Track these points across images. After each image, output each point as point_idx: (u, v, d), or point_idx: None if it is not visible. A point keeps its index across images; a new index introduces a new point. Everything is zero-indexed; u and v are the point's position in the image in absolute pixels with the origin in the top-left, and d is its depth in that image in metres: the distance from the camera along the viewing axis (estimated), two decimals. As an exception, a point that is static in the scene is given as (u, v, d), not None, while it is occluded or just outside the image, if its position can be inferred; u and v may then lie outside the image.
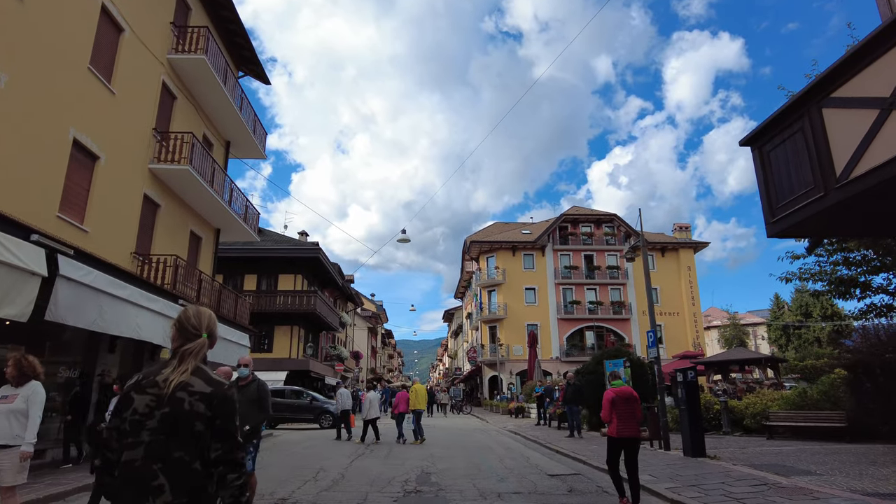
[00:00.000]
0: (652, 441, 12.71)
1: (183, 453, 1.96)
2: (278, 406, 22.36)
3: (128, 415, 2.00)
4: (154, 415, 1.98)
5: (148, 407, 1.99)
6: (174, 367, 2.08)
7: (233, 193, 18.18)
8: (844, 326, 58.12)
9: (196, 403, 2.01)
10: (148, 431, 1.97)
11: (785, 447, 12.18)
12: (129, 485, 1.93)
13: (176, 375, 2.04)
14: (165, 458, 1.94)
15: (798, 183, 5.95)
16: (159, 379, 2.04)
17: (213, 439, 2.03)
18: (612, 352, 18.77)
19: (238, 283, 31.08)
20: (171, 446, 1.96)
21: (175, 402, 1.99)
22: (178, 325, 2.22)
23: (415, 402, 15.93)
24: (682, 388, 10.93)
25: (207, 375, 2.11)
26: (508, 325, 43.88)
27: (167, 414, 1.98)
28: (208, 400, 2.03)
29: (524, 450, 13.53)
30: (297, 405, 22.57)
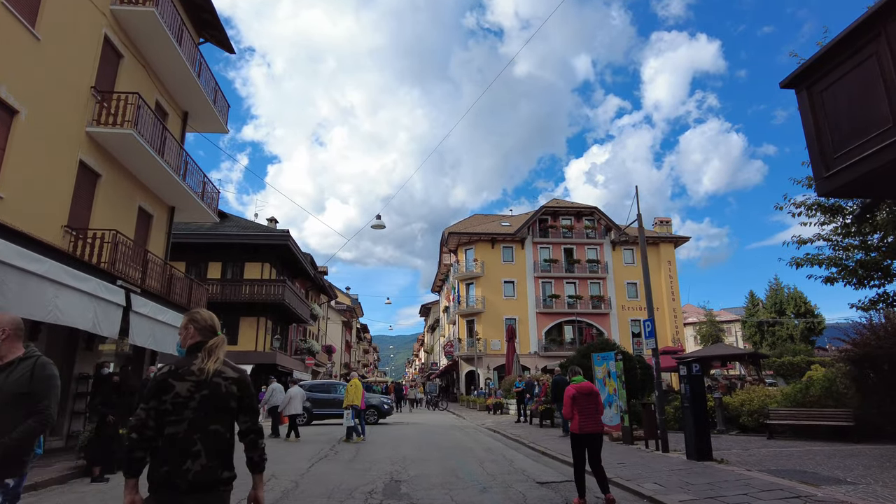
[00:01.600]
0: (647, 441, 11.55)
1: (219, 426, 2.50)
2: (317, 402, 21.15)
3: (169, 398, 2.45)
4: (195, 397, 2.47)
5: (189, 391, 2.47)
6: (205, 359, 2.55)
7: (188, 167, 16.52)
8: (816, 324, 58.74)
9: (230, 386, 2.57)
10: (190, 410, 2.45)
11: (791, 448, 11.13)
12: (173, 451, 2.40)
13: (212, 365, 2.55)
14: (204, 430, 2.45)
15: (866, 124, 4.73)
16: (194, 368, 2.52)
17: (242, 413, 2.64)
18: (598, 345, 17.64)
19: (202, 270, 29.26)
20: (208, 421, 2.47)
21: (214, 386, 2.52)
22: (198, 326, 2.67)
23: (352, 397, 14.56)
24: (685, 384, 9.76)
25: (231, 364, 2.67)
26: (486, 319, 42.71)
27: (206, 395, 2.49)
28: (238, 383, 2.61)
29: (506, 451, 12.27)
30: (337, 400, 21.11)
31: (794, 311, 57.26)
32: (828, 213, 11.27)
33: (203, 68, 17.32)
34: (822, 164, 5.21)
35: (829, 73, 5.17)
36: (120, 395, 8.51)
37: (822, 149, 5.21)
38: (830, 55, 5.11)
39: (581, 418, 6.64)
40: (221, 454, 2.47)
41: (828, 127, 5.17)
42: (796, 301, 57.58)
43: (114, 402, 8.34)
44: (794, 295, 58.28)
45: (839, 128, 5.06)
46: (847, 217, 11.17)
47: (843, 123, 5.02)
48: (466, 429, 18.74)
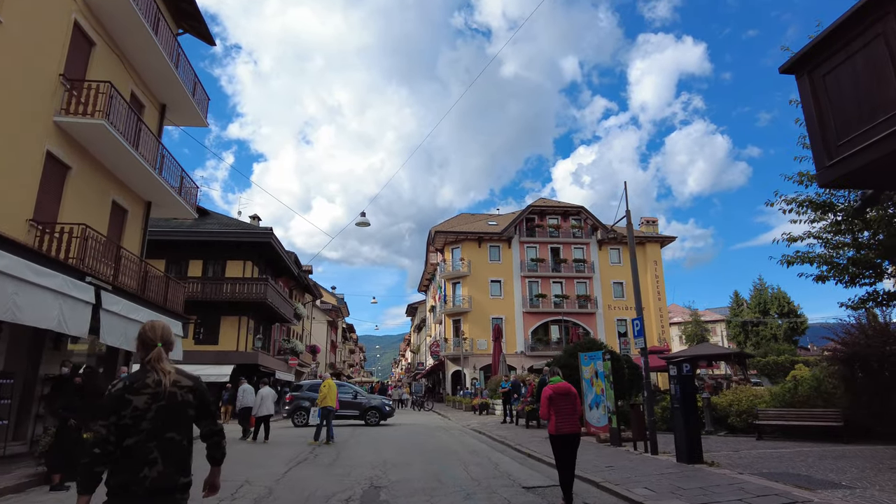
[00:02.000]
0: (636, 443, 11.28)
1: (174, 434, 2.57)
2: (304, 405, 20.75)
3: (128, 413, 2.51)
4: (152, 408, 2.54)
5: (146, 403, 2.53)
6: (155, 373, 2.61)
7: (165, 161, 15.98)
8: (799, 323, 59.30)
9: (186, 395, 2.65)
10: (147, 421, 2.52)
11: (781, 449, 10.93)
12: (130, 460, 2.48)
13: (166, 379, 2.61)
14: (160, 438, 2.53)
15: (873, 109, 4.45)
16: (149, 381, 2.58)
17: (201, 419, 2.76)
18: (585, 344, 17.37)
19: (182, 268, 28.62)
20: (164, 430, 2.54)
21: (170, 396, 2.58)
22: (140, 340, 2.75)
23: (324, 397, 14.14)
24: (675, 384, 9.49)
25: (186, 373, 2.77)
26: (473, 319, 42.42)
27: (163, 406, 2.56)
28: (193, 391, 2.70)
29: (492, 453, 11.94)
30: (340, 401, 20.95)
31: (778, 311, 57.76)
32: (819, 209, 11.08)
33: (181, 59, 16.79)
34: (824, 153, 4.92)
35: (833, 56, 4.89)
36: (83, 396, 8.02)
37: (825, 136, 4.92)
38: (834, 37, 4.83)
39: (558, 419, 6.54)
40: (178, 461, 2.57)
41: (831, 113, 4.89)
42: (780, 301, 58.08)
43: (76, 405, 7.86)
44: (777, 295, 58.78)
45: (843, 114, 4.78)
46: (838, 214, 10.99)
47: (847, 109, 4.74)
48: (451, 430, 18.40)
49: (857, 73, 4.65)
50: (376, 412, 20.83)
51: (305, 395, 21.15)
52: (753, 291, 60.35)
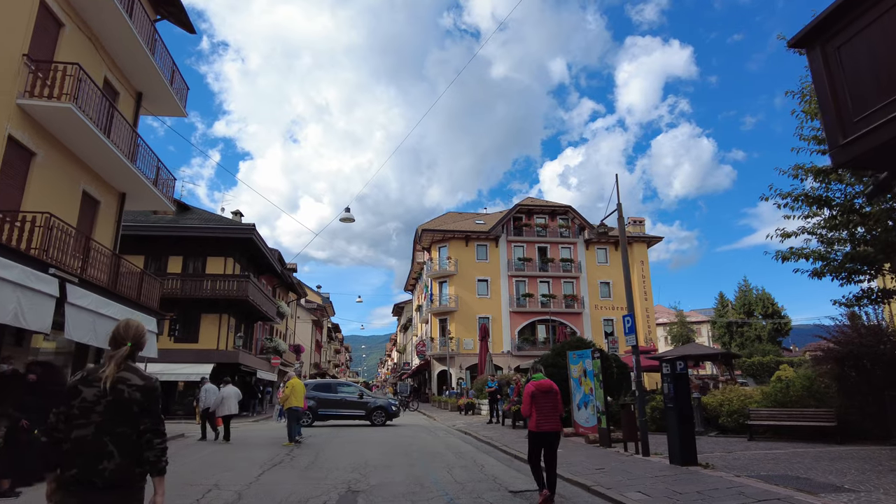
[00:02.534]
0: (626, 444, 10.90)
1: (126, 428, 2.65)
2: (322, 402, 20.29)
3: (77, 402, 2.63)
4: (101, 402, 2.63)
5: (95, 396, 2.64)
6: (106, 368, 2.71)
7: (140, 151, 15.35)
8: (783, 324, 59.72)
9: (133, 393, 2.69)
10: (97, 414, 2.60)
11: (775, 450, 10.62)
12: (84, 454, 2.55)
13: (110, 374, 2.67)
14: (113, 432, 2.60)
15: (894, 81, 4.06)
16: (101, 375, 2.68)
17: (142, 416, 2.71)
18: (573, 343, 17.02)
19: (162, 264, 27.87)
20: (115, 424, 2.62)
21: (117, 392, 2.66)
22: (112, 336, 2.87)
23: (287, 398, 13.64)
24: (669, 383, 9.13)
25: (140, 372, 2.79)
26: (459, 318, 41.99)
27: (111, 401, 2.64)
28: (142, 390, 2.73)
29: (478, 455, 11.50)
30: (344, 400, 20.76)
31: (763, 312, 58.15)
32: (814, 204, 10.80)
33: (159, 46, 16.17)
34: (838, 130, 4.55)
35: (849, 27, 4.52)
36: (37, 395, 7.43)
37: (839, 112, 4.55)
38: (850, 5, 4.46)
39: (539, 416, 6.53)
40: (132, 453, 2.64)
41: (846, 87, 4.51)
42: (764, 302, 58.43)
43: (29, 405, 7.28)
44: (762, 296, 59.12)
45: (860, 88, 4.41)
46: (834, 209, 10.72)
47: (864, 83, 4.37)
48: (436, 430, 17.95)
49: (873, 43, 4.28)
50: (382, 412, 20.51)
51: (310, 395, 20.56)
52: (738, 292, 60.67)
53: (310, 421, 19.79)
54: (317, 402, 20.15)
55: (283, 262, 40.08)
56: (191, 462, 10.33)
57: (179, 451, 12.03)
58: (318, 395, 20.35)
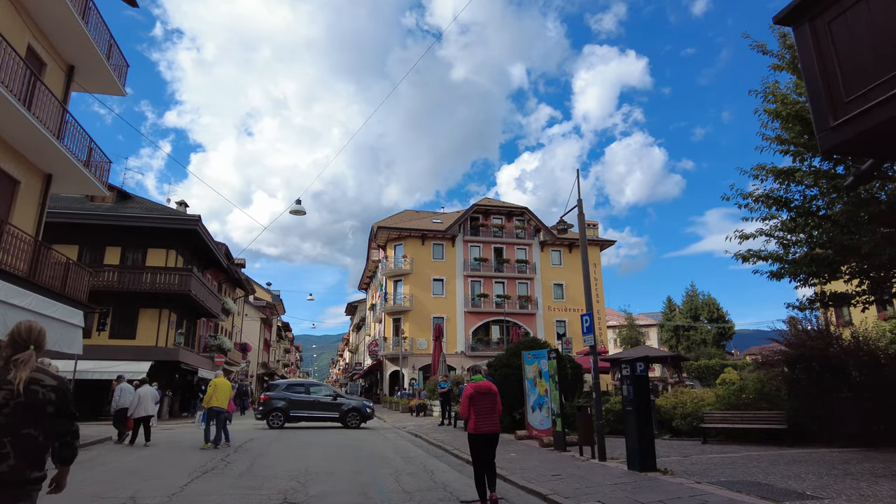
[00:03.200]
0: (582, 448, 10.54)
1: (31, 430, 2.61)
2: (294, 403, 19.41)
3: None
4: (10, 404, 2.57)
5: (4, 398, 2.58)
6: (14, 371, 2.64)
7: (69, 129, 14.11)
8: (727, 329, 61.74)
9: (48, 393, 2.70)
10: (3, 416, 2.55)
11: (730, 453, 10.48)
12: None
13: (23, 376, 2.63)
14: (16, 434, 2.55)
15: (892, 56, 3.72)
16: (9, 378, 2.62)
17: (59, 417, 2.74)
18: (528, 343, 16.66)
19: (98, 255, 26.16)
20: (20, 426, 2.58)
21: (31, 394, 2.64)
22: (10, 338, 2.79)
23: (210, 398, 12.86)
24: (628, 385, 8.79)
25: (51, 373, 2.80)
26: (414, 318, 41.33)
27: (21, 402, 2.59)
28: (56, 390, 2.74)
29: (428, 459, 10.93)
30: (317, 402, 19.88)
31: (708, 317, 59.97)
32: (774, 205, 10.72)
33: (94, 16, 14.93)
34: (829, 112, 4.20)
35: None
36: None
37: (830, 92, 4.20)
38: (841, -23, 4.11)
39: (477, 418, 6.43)
40: (31, 456, 2.59)
41: (838, 65, 4.17)
42: (710, 307, 60.26)
43: None
44: (708, 301, 60.97)
45: (854, 65, 4.07)
46: (792, 212, 10.66)
47: (859, 59, 4.03)
48: (386, 433, 17.28)
49: (870, 16, 3.94)
50: (357, 414, 19.84)
51: (281, 396, 19.77)
52: (686, 297, 62.40)
53: (281, 422, 19.06)
54: (288, 402, 19.43)
55: (231, 256, 38.50)
56: (112, 470, 9.36)
57: (101, 457, 10.98)
58: (289, 396, 19.64)
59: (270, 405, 19.40)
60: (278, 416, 19.21)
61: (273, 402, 19.52)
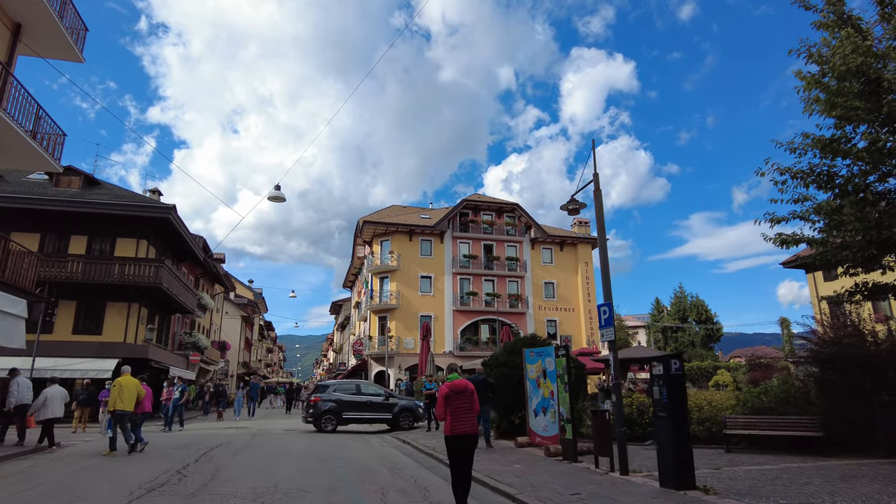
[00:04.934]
0: (598, 458, 9.12)
1: None
2: (346, 404, 17.99)
3: None
4: None
5: None
6: None
7: (11, 92, 12.43)
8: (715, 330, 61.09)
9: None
10: None
11: (765, 465, 9.15)
12: None
13: None
14: None
15: None
16: None
17: None
18: (528, 339, 15.23)
19: (62, 244, 24.37)
20: None
21: None
22: None
23: (115, 401, 11.43)
24: (661, 386, 7.39)
25: None
26: (400, 316, 39.77)
27: None
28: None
29: (418, 471, 9.46)
30: (368, 403, 18.51)
31: (696, 318, 59.23)
32: (815, 183, 9.41)
33: (45, -31, 13.26)
34: None
35: None
36: None
37: None
38: None
39: (453, 419, 6.20)
40: None
41: None
42: (698, 309, 59.53)
43: None
44: (696, 303, 60.24)
45: None
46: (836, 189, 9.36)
47: None
48: (369, 438, 15.75)
49: None
50: (409, 414, 18.60)
51: (332, 397, 18.22)
52: (674, 299, 61.62)
53: (333, 426, 17.71)
54: (339, 404, 18.02)
55: (209, 250, 36.66)
56: (36, 487, 7.75)
57: (30, 470, 9.34)
58: (340, 398, 18.24)
59: (320, 408, 17.97)
60: (330, 419, 17.81)
61: (324, 404, 18.09)
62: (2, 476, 8.55)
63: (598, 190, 9.47)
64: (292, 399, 39.02)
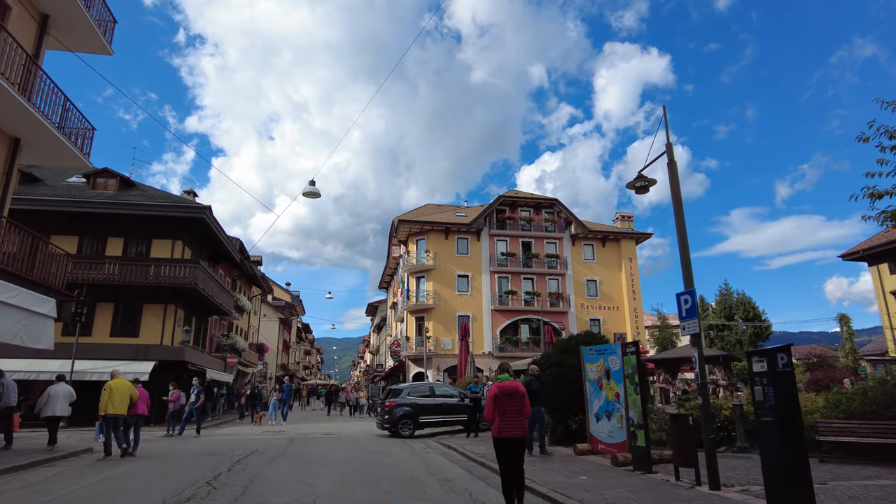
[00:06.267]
0: (678, 469, 7.92)
1: None
2: (422, 408, 17.56)
3: None
4: None
5: None
6: None
7: (39, 86, 11.97)
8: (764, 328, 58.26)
9: None
10: None
11: (874, 478, 7.81)
12: None
13: None
14: None
15: None
16: None
17: None
18: (581, 337, 14.01)
19: (99, 246, 24.25)
20: None
21: None
22: None
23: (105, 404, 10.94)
24: (765, 386, 6.17)
25: None
26: (438, 316, 38.83)
27: None
28: None
29: (472, 483, 8.44)
30: (444, 405, 18.11)
31: (743, 316, 56.60)
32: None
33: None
34: None
35: None
36: None
37: None
38: None
39: (501, 422, 6.11)
40: None
41: None
42: (745, 306, 56.87)
43: None
44: (742, 300, 57.58)
45: None
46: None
47: None
48: (412, 443, 14.81)
49: None
50: None
51: (407, 401, 17.63)
52: (719, 296, 59.01)
53: (411, 431, 17.10)
54: (415, 408, 17.46)
55: (246, 251, 36.49)
56: (61, 497, 7.04)
57: (56, 479, 8.68)
58: (416, 401, 17.66)
59: (396, 413, 17.30)
60: (407, 423, 17.16)
61: (399, 409, 17.44)
62: (21, 486, 7.89)
63: (673, 161, 8.28)
64: (332, 401, 38.62)
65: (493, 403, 6.15)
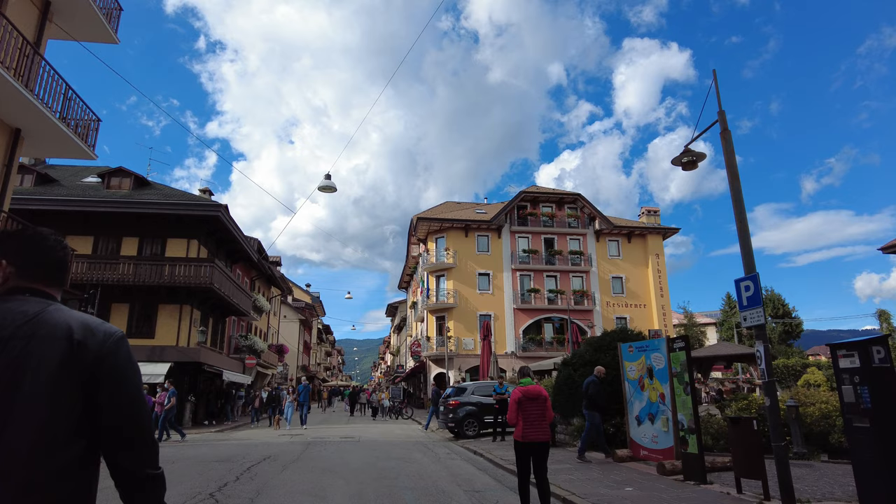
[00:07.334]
0: (739, 480, 6.92)
1: None
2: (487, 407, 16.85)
3: None
4: None
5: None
6: None
7: (41, 75, 11.38)
8: (794, 326, 56.32)
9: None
10: None
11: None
12: None
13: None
14: None
15: None
16: None
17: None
18: (616, 334, 13.01)
19: (114, 246, 23.89)
20: None
21: None
22: None
23: None
24: (857, 383, 5.18)
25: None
26: (458, 315, 37.94)
27: None
28: None
29: (503, 495, 7.54)
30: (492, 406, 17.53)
31: (773, 314, 54.75)
32: None
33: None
34: None
35: None
36: None
37: None
38: None
39: (525, 425, 6.03)
40: None
41: None
42: (775, 303, 55.08)
43: None
44: (772, 297, 55.73)
45: None
46: None
47: None
48: (435, 447, 13.93)
49: None
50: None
51: (471, 400, 17.14)
52: (749, 293, 57.20)
53: (476, 430, 16.67)
54: (479, 407, 16.90)
55: (264, 251, 36.02)
56: None
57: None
58: (480, 400, 17.06)
59: (460, 413, 16.81)
60: (472, 423, 16.73)
61: (463, 408, 16.92)
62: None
63: (727, 130, 7.28)
64: (355, 402, 38.08)
65: (517, 407, 6.11)
